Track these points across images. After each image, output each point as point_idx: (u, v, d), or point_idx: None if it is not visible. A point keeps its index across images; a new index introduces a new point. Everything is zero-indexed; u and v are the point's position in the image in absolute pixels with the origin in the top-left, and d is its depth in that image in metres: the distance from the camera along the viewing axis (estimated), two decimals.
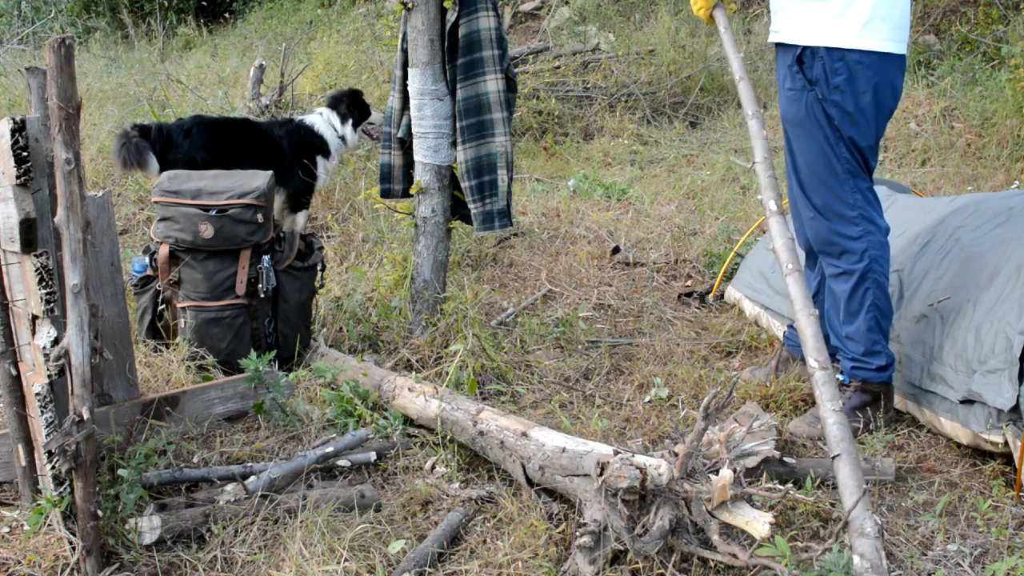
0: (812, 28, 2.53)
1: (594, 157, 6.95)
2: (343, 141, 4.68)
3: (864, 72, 2.51)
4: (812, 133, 2.60)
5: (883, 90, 2.54)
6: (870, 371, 2.70)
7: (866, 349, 2.69)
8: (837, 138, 2.58)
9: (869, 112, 2.55)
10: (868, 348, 2.69)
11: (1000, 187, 5.35)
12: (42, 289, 1.97)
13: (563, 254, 4.63)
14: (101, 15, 13.04)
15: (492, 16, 3.17)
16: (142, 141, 4.07)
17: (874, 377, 2.71)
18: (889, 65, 2.53)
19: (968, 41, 7.39)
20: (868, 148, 2.60)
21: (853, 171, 2.61)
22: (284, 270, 3.17)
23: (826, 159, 2.61)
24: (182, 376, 2.89)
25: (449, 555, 2.13)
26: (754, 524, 1.84)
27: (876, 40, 2.50)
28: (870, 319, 2.66)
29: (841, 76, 2.51)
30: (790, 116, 2.65)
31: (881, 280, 2.65)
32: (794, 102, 2.62)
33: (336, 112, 4.67)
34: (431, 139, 3.28)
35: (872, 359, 2.69)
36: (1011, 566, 2.00)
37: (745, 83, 2.48)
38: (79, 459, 1.91)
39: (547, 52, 8.49)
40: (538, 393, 3.08)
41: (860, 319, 2.67)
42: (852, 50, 2.49)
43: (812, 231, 2.73)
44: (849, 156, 2.59)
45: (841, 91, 2.52)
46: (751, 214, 5.11)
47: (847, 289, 2.67)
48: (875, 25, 2.48)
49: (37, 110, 1.99)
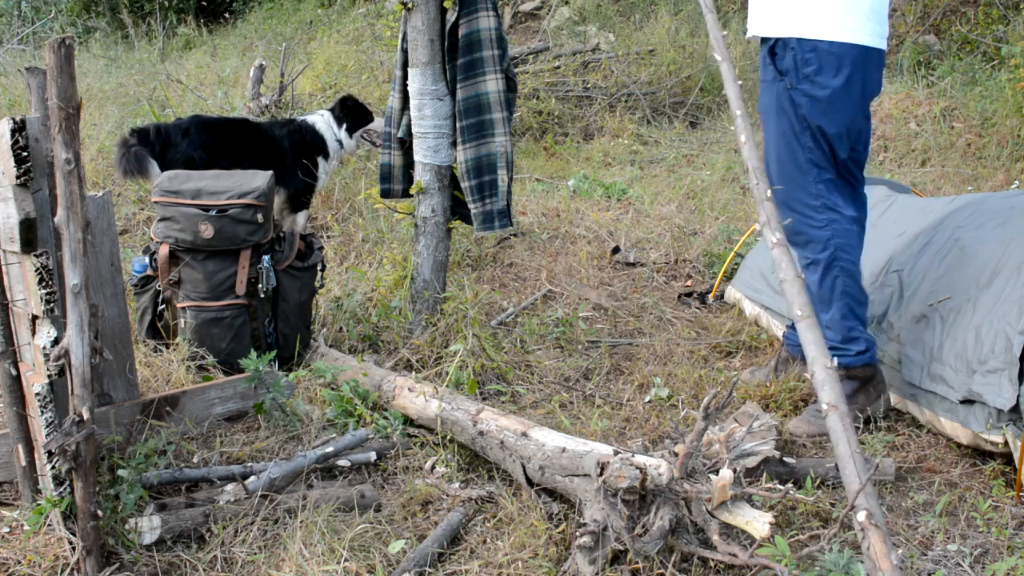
0: (784, 20, 2.59)
1: (594, 157, 6.95)
2: (340, 145, 4.70)
3: (835, 62, 2.54)
4: (779, 123, 2.66)
5: (854, 82, 2.57)
6: (850, 357, 2.72)
7: (843, 336, 2.72)
8: (803, 127, 2.62)
9: (839, 100, 2.57)
10: (845, 335, 2.72)
11: (1000, 187, 5.35)
12: (42, 289, 1.97)
13: (563, 254, 4.63)
14: (101, 15, 13.05)
15: (492, 16, 3.17)
16: (141, 149, 4.06)
17: (855, 362, 2.73)
18: (862, 57, 2.56)
19: (968, 41, 7.39)
20: (836, 136, 2.62)
21: (817, 161, 2.64)
22: (284, 270, 3.18)
23: (790, 149, 2.66)
24: (182, 376, 2.89)
25: (449, 555, 2.13)
26: (754, 524, 1.84)
27: (848, 32, 2.53)
28: (843, 307, 2.70)
29: (811, 67, 2.56)
30: (762, 106, 2.74)
31: (849, 267, 2.67)
32: (766, 93, 2.70)
33: (334, 115, 4.69)
34: (431, 139, 3.28)
35: (851, 345, 2.72)
36: (1011, 566, 2.00)
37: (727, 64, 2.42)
38: (79, 459, 1.91)
39: (547, 52, 8.50)
40: (538, 393, 3.08)
41: (834, 308, 2.71)
42: (822, 40, 2.54)
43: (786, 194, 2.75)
44: (814, 146, 2.63)
45: (811, 80, 2.57)
46: (751, 214, 5.11)
47: (816, 279, 2.72)
48: (847, 17, 2.52)
49: (37, 110, 1.99)
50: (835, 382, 1.80)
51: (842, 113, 2.59)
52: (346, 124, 4.69)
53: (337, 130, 4.68)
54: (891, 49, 7.90)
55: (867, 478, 1.49)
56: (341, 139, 4.69)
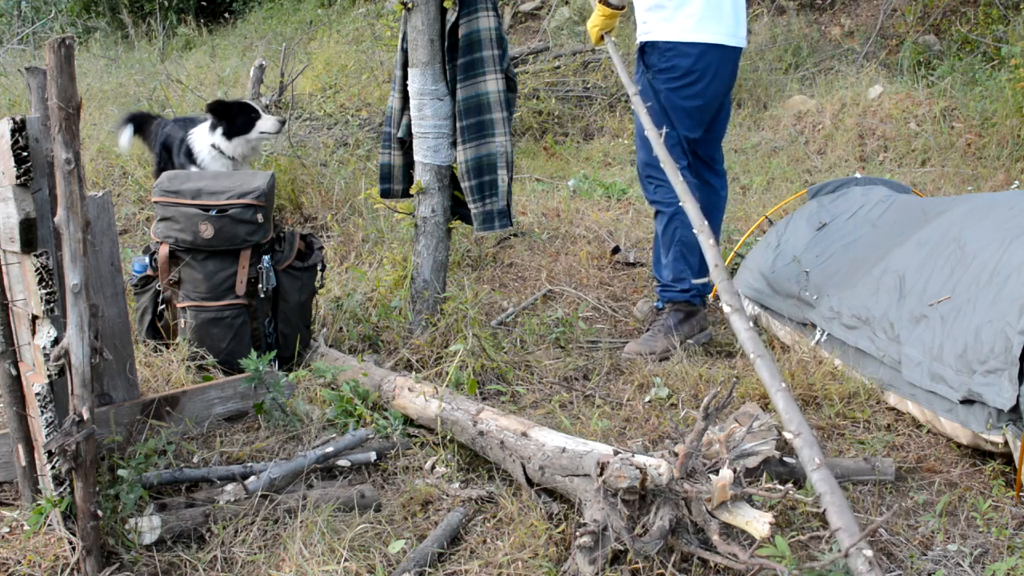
0: (651, 28, 3.34)
1: (594, 157, 6.95)
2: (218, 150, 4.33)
3: (682, 58, 3.27)
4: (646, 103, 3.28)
5: (707, 73, 3.29)
6: (676, 292, 3.48)
7: (674, 276, 3.47)
8: (661, 107, 3.36)
9: (692, 86, 3.30)
10: (675, 276, 3.47)
11: (1000, 187, 5.35)
12: (42, 289, 1.97)
13: (563, 254, 4.63)
14: (101, 15, 13.04)
15: (492, 16, 3.17)
16: None
17: (679, 297, 3.48)
18: (710, 52, 3.28)
19: (968, 41, 7.39)
20: (688, 111, 3.35)
21: (673, 136, 3.35)
22: (284, 270, 3.17)
23: (656, 121, 3.22)
24: (182, 376, 2.89)
25: (449, 555, 2.13)
26: (754, 524, 1.84)
27: (696, 33, 3.25)
28: (677, 252, 3.43)
29: (668, 62, 3.30)
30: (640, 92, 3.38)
31: (687, 221, 3.02)
32: (639, 82, 3.43)
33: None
34: (431, 139, 3.28)
35: (678, 284, 3.47)
36: (1011, 566, 2.00)
37: (637, 99, 3.09)
38: (79, 459, 1.91)
39: (547, 52, 8.49)
40: (538, 393, 3.08)
41: (671, 252, 3.45)
42: (675, 42, 3.27)
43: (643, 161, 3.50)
44: (672, 122, 3.36)
45: (667, 72, 3.31)
46: (751, 214, 5.11)
47: (661, 228, 3.48)
48: (699, 22, 3.23)
49: (37, 110, 1.99)
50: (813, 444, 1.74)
51: (692, 93, 3.32)
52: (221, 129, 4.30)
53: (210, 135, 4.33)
54: (891, 49, 7.91)
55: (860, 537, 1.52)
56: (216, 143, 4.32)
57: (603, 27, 3.54)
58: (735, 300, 2.15)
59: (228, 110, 4.31)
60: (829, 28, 8.72)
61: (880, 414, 2.83)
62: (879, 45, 8.02)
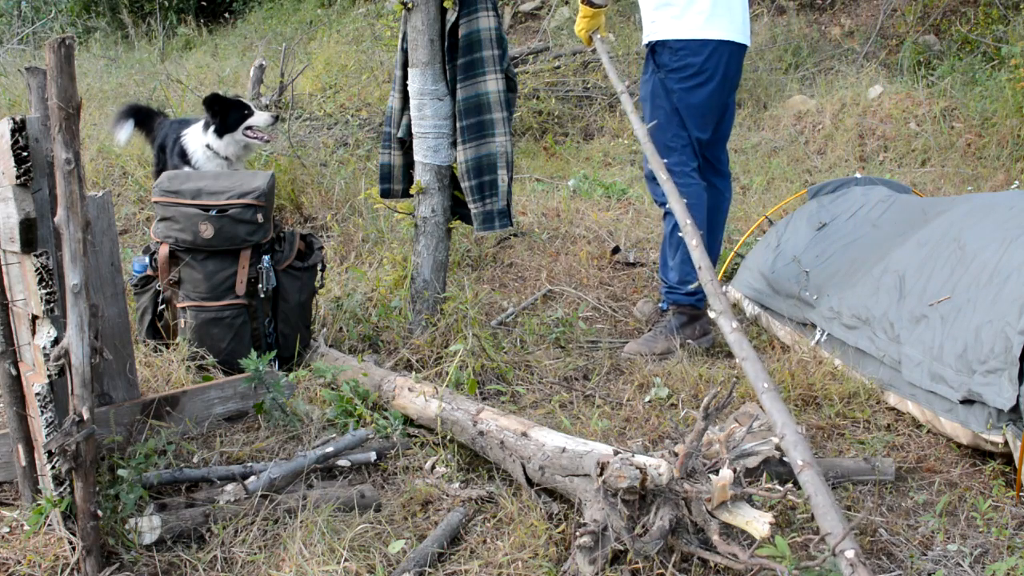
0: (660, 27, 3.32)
1: (594, 157, 6.95)
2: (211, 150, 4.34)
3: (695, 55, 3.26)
4: (657, 104, 3.35)
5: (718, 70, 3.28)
6: (681, 295, 3.45)
7: (680, 278, 3.42)
8: (673, 108, 3.33)
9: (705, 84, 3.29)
10: (681, 278, 3.42)
11: (1000, 187, 5.35)
12: (42, 289, 1.97)
13: (563, 254, 4.63)
14: (101, 15, 13.04)
15: (492, 16, 3.17)
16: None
17: (684, 300, 3.46)
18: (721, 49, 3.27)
19: (968, 41, 7.39)
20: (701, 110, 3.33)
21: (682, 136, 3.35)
22: (284, 270, 3.17)
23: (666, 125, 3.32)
24: (182, 376, 2.89)
25: (449, 555, 2.13)
26: (754, 524, 1.84)
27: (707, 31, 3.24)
28: (683, 254, 3.37)
29: (680, 60, 3.27)
30: (644, 95, 3.43)
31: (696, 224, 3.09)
32: (646, 84, 3.41)
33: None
34: (431, 139, 3.28)
35: (684, 286, 3.42)
36: (1011, 566, 2.00)
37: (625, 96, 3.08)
38: (79, 459, 1.91)
39: (547, 52, 8.49)
40: (538, 393, 3.08)
41: (678, 254, 3.41)
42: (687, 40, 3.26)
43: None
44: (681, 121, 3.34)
45: (679, 71, 3.28)
46: (751, 214, 5.11)
47: (668, 230, 3.45)
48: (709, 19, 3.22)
49: (37, 110, 1.99)
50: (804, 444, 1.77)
51: (704, 90, 3.30)
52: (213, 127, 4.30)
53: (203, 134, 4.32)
54: (891, 49, 7.91)
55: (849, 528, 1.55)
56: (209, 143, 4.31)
57: (589, 27, 3.52)
58: (721, 303, 2.16)
59: (223, 105, 4.31)
60: (829, 28, 8.72)
61: (880, 414, 2.83)
62: (879, 45, 8.02)
